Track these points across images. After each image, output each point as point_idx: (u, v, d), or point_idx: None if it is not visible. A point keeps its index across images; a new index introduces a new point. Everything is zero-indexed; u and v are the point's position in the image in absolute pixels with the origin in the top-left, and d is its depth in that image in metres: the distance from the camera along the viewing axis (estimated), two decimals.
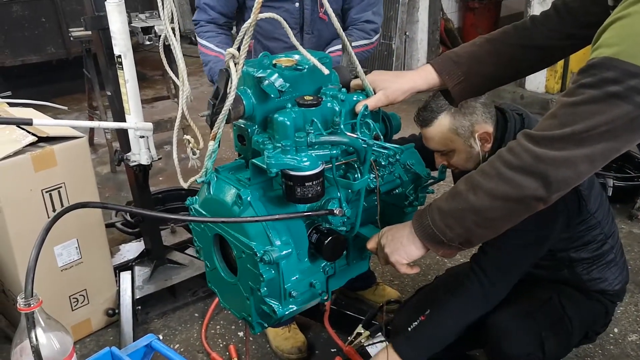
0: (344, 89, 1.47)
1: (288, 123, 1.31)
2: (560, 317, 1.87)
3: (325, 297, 1.52)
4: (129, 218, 3.47)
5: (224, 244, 1.45)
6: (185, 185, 1.47)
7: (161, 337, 2.61)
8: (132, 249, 3.09)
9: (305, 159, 1.25)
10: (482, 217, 1.25)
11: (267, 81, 1.31)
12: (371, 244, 1.49)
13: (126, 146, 2.50)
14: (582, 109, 1.10)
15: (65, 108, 3.16)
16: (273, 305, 1.37)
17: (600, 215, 1.87)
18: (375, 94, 1.49)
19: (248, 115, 1.39)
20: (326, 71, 1.40)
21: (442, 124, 1.80)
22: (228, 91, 1.28)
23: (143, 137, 2.46)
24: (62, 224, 2.32)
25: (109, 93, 2.55)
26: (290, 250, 1.32)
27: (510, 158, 1.19)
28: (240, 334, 2.63)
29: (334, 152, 1.29)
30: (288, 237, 1.34)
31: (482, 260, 1.79)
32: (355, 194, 1.43)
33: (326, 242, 1.37)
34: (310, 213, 1.35)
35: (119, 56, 2.23)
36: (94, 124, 2.33)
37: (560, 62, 5.31)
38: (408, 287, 2.90)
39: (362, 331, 2.21)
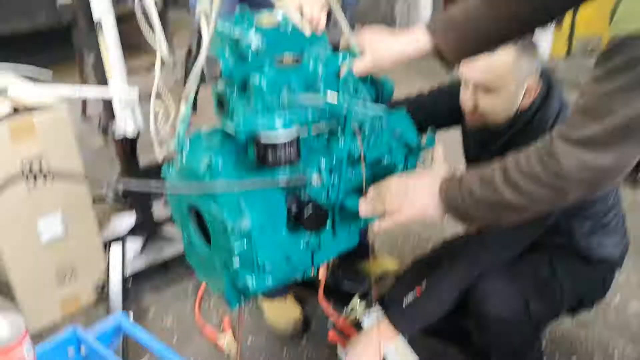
0: (330, 50, 1.36)
1: (264, 85, 1.21)
2: (548, 281, 1.79)
3: (311, 272, 1.43)
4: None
5: (199, 215, 1.35)
6: (159, 156, 1.36)
7: (152, 311, 2.54)
8: (123, 221, 3.00)
9: (277, 122, 1.15)
10: (519, 212, 1.21)
11: (243, 41, 1.21)
12: (367, 202, 1.36)
13: (111, 116, 2.41)
14: (619, 98, 1.01)
15: (50, 72, 3.05)
16: (247, 279, 1.27)
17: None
18: (363, 56, 1.36)
19: (226, 77, 1.28)
20: (307, 32, 1.30)
21: (506, 56, 1.62)
22: (200, 51, 1.17)
23: (128, 106, 2.36)
24: (44, 198, 2.27)
25: (91, 60, 2.43)
26: (263, 220, 1.22)
27: (552, 164, 1.10)
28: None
29: (310, 115, 1.19)
30: (263, 207, 1.24)
31: (482, 234, 1.69)
32: (339, 162, 1.32)
33: (306, 211, 1.27)
34: (285, 181, 1.24)
35: (99, 21, 2.12)
36: (72, 90, 2.21)
37: (567, 25, 5.13)
38: (407, 258, 2.81)
39: (358, 304, 2.13)
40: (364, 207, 1.34)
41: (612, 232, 1.85)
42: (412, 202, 1.29)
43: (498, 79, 1.65)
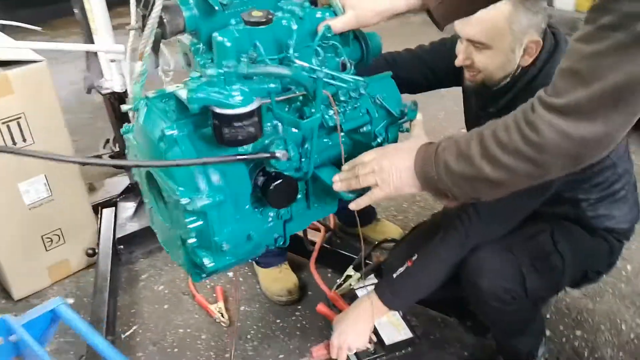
0: (307, 4, 1.22)
1: (228, 44, 1.07)
2: (548, 253, 1.65)
3: (282, 242, 1.33)
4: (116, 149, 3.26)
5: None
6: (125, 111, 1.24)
7: (145, 277, 2.46)
8: (117, 183, 2.90)
9: (235, 94, 1.01)
10: (498, 187, 1.09)
11: None
12: (342, 178, 1.27)
13: (97, 72, 2.29)
14: (610, 60, 0.88)
15: (39, 29, 2.91)
16: (203, 258, 1.16)
17: (616, 155, 1.63)
18: (344, 12, 1.23)
19: (191, 31, 1.15)
20: None
21: (502, 10, 1.47)
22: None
23: (114, 61, 2.24)
24: (25, 159, 2.16)
25: (75, 11, 2.31)
26: (222, 197, 1.10)
27: (532, 136, 0.98)
28: (230, 274, 2.46)
29: (273, 86, 1.05)
30: (222, 182, 1.12)
31: (478, 204, 1.56)
32: (310, 133, 1.19)
33: (272, 187, 1.15)
34: (245, 156, 1.10)
35: None
36: (54, 45, 2.09)
37: None
38: (412, 223, 2.70)
39: (353, 273, 2.03)
40: (338, 183, 1.26)
41: (620, 202, 1.71)
42: (388, 179, 1.20)
43: (492, 34, 1.49)
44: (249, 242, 1.19)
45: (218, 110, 1.01)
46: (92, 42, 2.22)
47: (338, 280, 2.06)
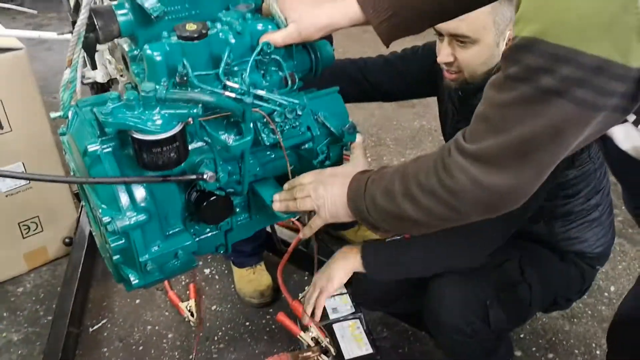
0: (249, 15, 1.17)
1: (158, 59, 1.02)
2: (514, 283, 1.59)
3: (224, 251, 1.30)
4: None
5: None
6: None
7: None
8: None
9: (154, 118, 0.95)
10: (420, 226, 1.06)
11: None
12: (281, 198, 1.23)
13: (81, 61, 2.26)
14: (516, 112, 0.85)
15: (35, 12, 2.90)
16: (129, 275, 1.12)
17: (597, 162, 1.57)
18: (287, 25, 1.17)
19: (127, 37, 1.10)
20: None
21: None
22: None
23: (97, 51, 2.21)
24: (1, 148, 2.15)
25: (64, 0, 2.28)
26: (145, 218, 1.05)
27: (446, 179, 0.95)
28: (207, 271, 2.44)
29: (194, 111, 0.99)
30: (148, 201, 1.06)
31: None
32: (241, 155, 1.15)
33: (204, 204, 1.10)
34: (170, 177, 1.05)
35: None
36: (34, 33, 2.06)
37: None
38: None
39: None
40: (277, 203, 1.23)
41: (594, 223, 1.65)
42: (324, 206, 1.18)
43: (479, 28, 1.43)
44: (177, 259, 1.14)
45: (136, 135, 0.96)
46: None
47: (307, 288, 2.01)
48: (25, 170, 2.22)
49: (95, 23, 1.08)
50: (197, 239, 1.24)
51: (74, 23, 1.06)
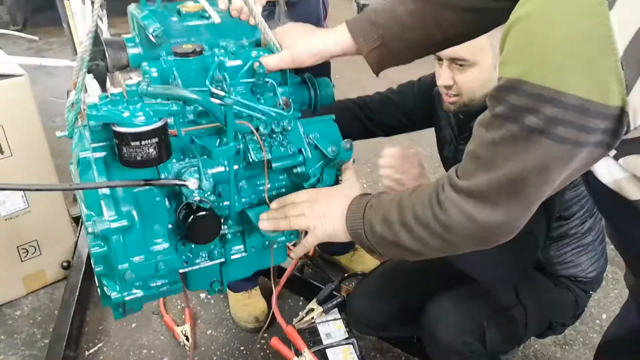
0: (247, 44, 1.23)
1: (155, 74, 1.08)
2: (510, 305, 1.62)
3: (220, 288, 1.30)
4: None
5: None
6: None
7: None
8: None
9: (136, 113, 0.98)
10: (416, 255, 1.09)
11: (143, 24, 1.09)
12: (269, 217, 1.22)
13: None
14: (504, 150, 0.88)
15: (36, 39, 2.95)
16: (109, 288, 1.12)
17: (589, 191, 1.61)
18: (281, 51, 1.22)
19: (136, 67, 1.15)
20: (217, 19, 1.17)
21: None
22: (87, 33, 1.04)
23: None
24: (2, 172, 2.18)
25: (64, 26, 2.34)
26: (126, 223, 1.05)
27: (440, 214, 0.99)
28: (203, 295, 2.46)
29: (173, 107, 1.02)
30: (132, 209, 1.09)
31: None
32: (228, 165, 1.17)
33: (190, 220, 1.11)
34: (153, 182, 1.07)
35: None
36: (36, 60, 2.11)
37: None
38: None
39: (315, 307, 2.01)
40: (265, 222, 1.21)
41: (589, 249, 1.69)
42: (321, 225, 1.18)
43: (473, 50, 1.48)
44: (159, 275, 1.13)
45: (116, 127, 0.98)
46: None
47: (301, 313, 2.04)
48: (24, 194, 2.26)
49: (106, 52, 1.13)
50: (189, 268, 1.25)
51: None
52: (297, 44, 1.20)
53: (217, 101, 1.08)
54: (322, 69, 1.32)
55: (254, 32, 1.26)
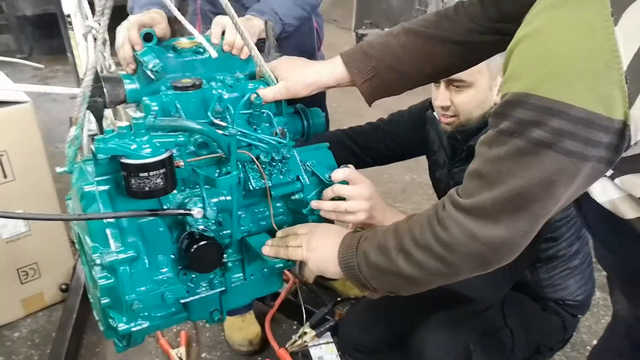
0: (243, 77, 1.29)
1: (155, 108, 1.13)
2: (497, 328, 1.65)
3: (219, 317, 1.32)
4: None
5: None
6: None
7: None
8: None
9: (143, 145, 1.03)
10: (412, 283, 1.08)
11: (142, 60, 1.15)
12: (273, 243, 1.27)
13: None
14: (509, 165, 0.89)
15: (42, 67, 3.03)
16: (115, 319, 1.16)
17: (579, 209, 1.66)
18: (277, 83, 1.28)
19: (133, 102, 1.21)
20: (214, 54, 1.23)
21: None
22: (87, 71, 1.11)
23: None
24: (5, 195, 2.24)
25: (69, 55, 2.41)
26: (133, 254, 1.10)
27: (441, 233, 0.99)
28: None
29: (180, 139, 1.08)
30: (137, 239, 1.13)
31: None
32: (229, 193, 1.22)
33: (192, 249, 1.15)
34: (158, 212, 1.12)
35: (69, 15, 2.07)
36: (41, 88, 2.18)
37: None
38: None
39: (308, 330, 2.05)
40: (268, 247, 1.26)
41: (576, 272, 1.72)
42: (314, 259, 1.21)
43: (470, 71, 1.50)
44: (165, 305, 1.17)
45: (124, 160, 1.03)
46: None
47: (294, 337, 2.08)
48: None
49: (103, 87, 1.19)
50: (191, 298, 1.27)
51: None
52: (292, 75, 1.25)
53: (220, 131, 1.14)
54: (317, 99, 1.38)
55: (247, 66, 1.33)
